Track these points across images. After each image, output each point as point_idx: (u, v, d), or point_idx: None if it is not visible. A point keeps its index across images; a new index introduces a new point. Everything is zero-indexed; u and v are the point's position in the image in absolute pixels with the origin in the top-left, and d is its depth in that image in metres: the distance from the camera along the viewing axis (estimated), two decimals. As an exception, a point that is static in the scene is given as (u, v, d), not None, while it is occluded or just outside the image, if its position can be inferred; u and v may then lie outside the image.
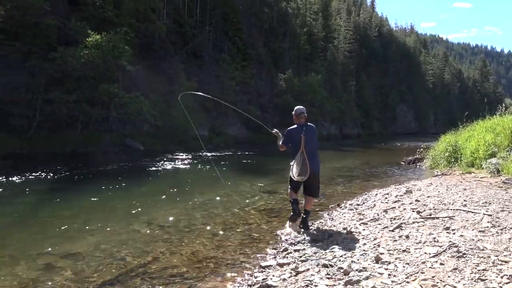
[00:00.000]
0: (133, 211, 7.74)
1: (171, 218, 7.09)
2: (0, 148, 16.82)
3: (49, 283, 4.27)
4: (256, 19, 48.96)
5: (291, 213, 5.99)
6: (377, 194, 8.83)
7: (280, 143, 6.14)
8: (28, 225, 6.80)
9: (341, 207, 7.73)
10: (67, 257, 5.07)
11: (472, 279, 3.14)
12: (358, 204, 7.70)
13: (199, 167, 16.47)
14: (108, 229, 6.41)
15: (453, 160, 12.81)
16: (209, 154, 21.81)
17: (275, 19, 52.37)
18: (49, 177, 12.29)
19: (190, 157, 19.83)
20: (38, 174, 12.57)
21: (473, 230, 4.65)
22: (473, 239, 4.22)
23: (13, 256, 5.11)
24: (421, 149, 17.33)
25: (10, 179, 11.46)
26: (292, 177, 5.83)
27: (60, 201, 8.93)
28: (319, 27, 63.94)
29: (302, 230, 5.83)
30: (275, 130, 6.47)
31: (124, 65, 23.15)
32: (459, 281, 3.11)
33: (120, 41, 22.88)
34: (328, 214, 6.98)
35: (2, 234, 6.19)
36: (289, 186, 6.13)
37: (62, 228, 6.43)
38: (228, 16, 42.94)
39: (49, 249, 5.39)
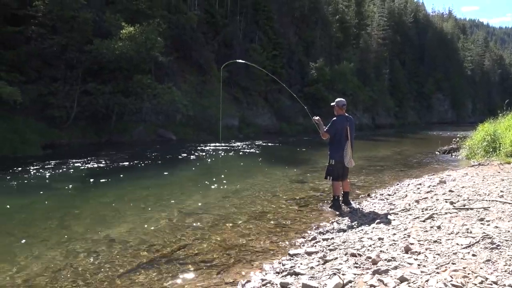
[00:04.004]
0: (165, 199, 7.96)
1: (201, 206, 7.24)
2: (40, 138, 17.58)
3: (83, 267, 4.47)
4: (288, 7, 48.40)
5: (336, 212, 6.48)
6: (409, 184, 8.65)
7: (324, 131, 6.50)
8: (65, 212, 7.10)
9: (372, 197, 7.64)
10: (101, 242, 5.29)
11: (505, 271, 3.04)
12: (389, 194, 7.57)
13: (230, 156, 16.63)
14: (141, 216, 6.61)
15: (491, 150, 12.28)
16: (240, 143, 21.96)
17: (307, 7, 51.59)
18: (86, 166, 12.77)
19: (222, 146, 20.04)
20: (75, 163, 13.08)
21: (509, 221, 4.48)
22: (509, 231, 4.07)
23: (49, 240, 5.38)
24: (457, 139, 16.76)
25: (50, 168, 12.01)
26: (345, 164, 6.52)
27: (96, 189, 9.30)
28: (352, 14, 62.54)
29: (338, 212, 6.43)
30: (317, 117, 6.59)
31: (156, 56, 23.58)
32: (491, 273, 3.03)
33: (153, 33, 23.26)
34: (358, 204, 6.92)
35: (40, 220, 6.50)
36: (331, 177, 6.59)
37: (97, 214, 6.71)
38: (259, 5, 42.64)
39: (84, 234, 5.64)
